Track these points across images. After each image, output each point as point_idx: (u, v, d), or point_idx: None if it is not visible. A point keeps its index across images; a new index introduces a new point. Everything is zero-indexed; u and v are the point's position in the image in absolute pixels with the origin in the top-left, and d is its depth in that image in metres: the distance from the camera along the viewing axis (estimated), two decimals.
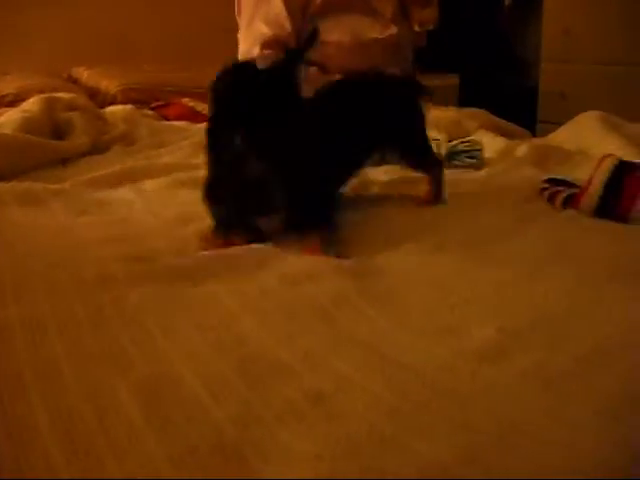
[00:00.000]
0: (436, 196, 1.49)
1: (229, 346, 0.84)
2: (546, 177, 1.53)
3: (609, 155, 1.41)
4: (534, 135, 2.55)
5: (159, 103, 2.76)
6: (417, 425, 0.68)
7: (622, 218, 1.30)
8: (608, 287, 1.01)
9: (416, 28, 2.75)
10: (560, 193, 1.41)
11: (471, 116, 2.35)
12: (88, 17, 3.30)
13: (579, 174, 1.54)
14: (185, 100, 2.71)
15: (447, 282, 1.04)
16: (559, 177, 1.52)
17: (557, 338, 0.86)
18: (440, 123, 2.18)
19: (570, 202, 1.37)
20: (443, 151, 1.81)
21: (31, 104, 2.09)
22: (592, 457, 0.64)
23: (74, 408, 0.70)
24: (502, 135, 2.19)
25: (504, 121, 2.41)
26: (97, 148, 2.01)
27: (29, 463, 0.63)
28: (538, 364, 0.80)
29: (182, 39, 3.51)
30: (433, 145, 1.60)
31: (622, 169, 1.35)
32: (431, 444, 0.65)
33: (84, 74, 3.08)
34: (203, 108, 2.67)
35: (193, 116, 2.58)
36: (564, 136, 2.10)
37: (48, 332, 0.86)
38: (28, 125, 1.92)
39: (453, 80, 3.53)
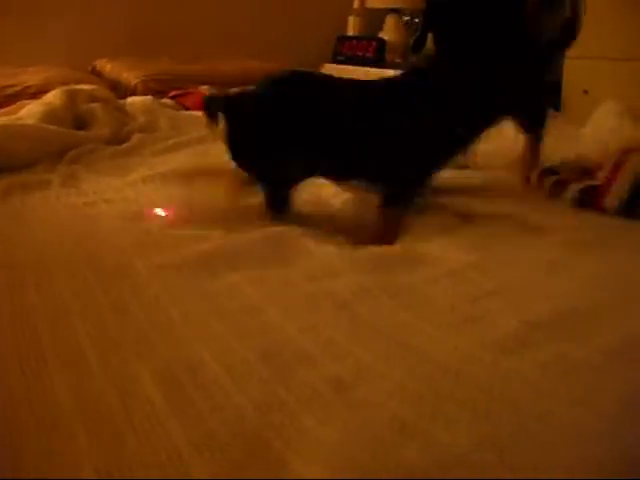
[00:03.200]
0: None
1: (251, 334, 0.84)
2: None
3: (630, 150, 1.38)
4: None
5: (178, 92, 2.77)
6: (439, 414, 0.68)
7: None
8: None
9: None
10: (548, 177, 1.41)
11: None
12: (110, 9, 3.32)
13: None
14: (203, 88, 2.72)
15: (469, 275, 1.04)
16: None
17: (581, 331, 0.86)
18: None
19: (588, 199, 1.35)
20: None
21: (53, 96, 2.10)
22: (614, 448, 0.63)
23: (98, 392, 0.71)
24: None
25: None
26: (117, 139, 2.02)
27: (54, 445, 0.63)
28: (560, 355, 0.79)
29: (201, 31, 3.52)
30: None
31: None
32: (452, 433, 0.65)
33: (107, 66, 3.10)
34: None
35: None
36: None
37: (71, 318, 0.87)
38: (50, 117, 1.93)
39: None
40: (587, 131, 2.02)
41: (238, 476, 0.60)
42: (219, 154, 1.54)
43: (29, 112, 1.98)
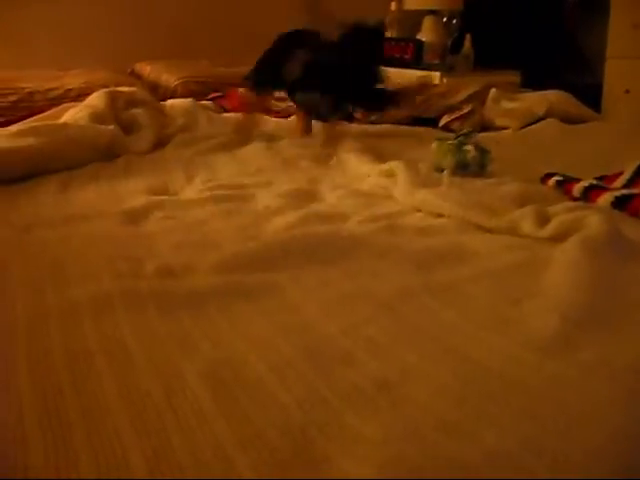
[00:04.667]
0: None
1: (293, 333, 0.84)
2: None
3: None
4: None
5: (216, 94, 2.79)
6: (483, 414, 0.68)
7: None
8: None
9: None
10: (577, 183, 1.46)
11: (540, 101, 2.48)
12: (149, 12, 3.35)
13: None
14: (241, 90, 2.74)
15: (511, 276, 1.03)
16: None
17: (620, 333, 0.85)
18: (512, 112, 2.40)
19: (626, 205, 1.36)
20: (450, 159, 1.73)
21: (95, 99, 2.13)
22: None
23: (144, 388, 0.72)
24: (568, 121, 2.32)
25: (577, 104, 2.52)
26: (159, 141, 2.04)
27: (101, 440, 0.64)
28: (604, 357, 0.79)
29: (239, 33, 3.53)
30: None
31: None
32: (498, 433, 0.65)
33: (146, 68, 3.13)
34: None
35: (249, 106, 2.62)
36: None
37: (115, 313, 0.88)
38: (95, 119, 1.96)
39: (514, 77, 3.48)
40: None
41: (284, 474, 0.60)
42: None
43: (74, 116, 2.00)
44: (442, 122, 2.45)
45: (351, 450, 0.62)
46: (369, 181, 1.60)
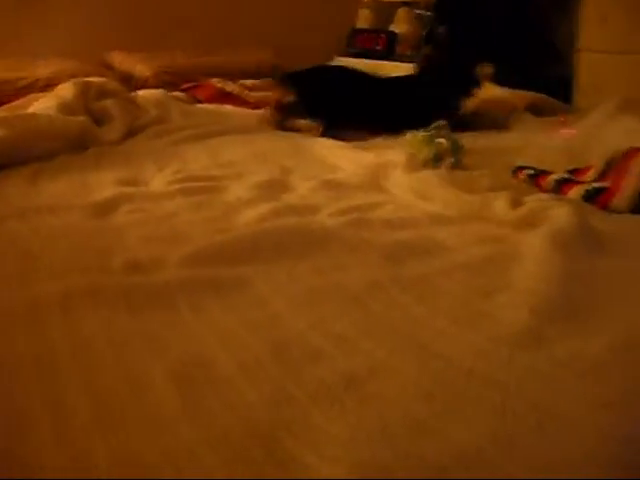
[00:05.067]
0: None
1: (261, 328, 0.84)
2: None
3: (637, 150, 1.40)
4: None
5: (189, 85, 2.77)
6: (453, 410, 0.68)
7: None
8: None
9: None
10: (548, 176, 1.48)
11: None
12: (121, 1, 3.31)
13: None
14: (214, 81, 2.72)
15: (482, 269, 1.03)
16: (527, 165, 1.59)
17: (590, 326, 0.85)
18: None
19: (596, 198, 1.38)
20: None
21: (64, 89, 2.09)
22: (630, 444, 0.63)
23: (111, 388, 0.71)
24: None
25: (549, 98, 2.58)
26: (130, 132, 2.02)
27: (67, 439, 0.63)
28: (574, 351, 0.78)
29: (213, 23, 3.51)
30: None
31: None
32: (467, 429, 0.64)
33: (118, 58, 3.09)
34: (233, 88, 2.68)
35: (223, 97, 2.62)
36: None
37: (83, 309, 0.87)
38: (64, 110, 1.93)
39: (487, 69, 3.48)
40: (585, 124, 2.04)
41: (254, 474, 0.59)
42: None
43: (42, 106, 1.97)
44: None
45: (320, 450, 0.62)
46: (348, 169, 1.60)
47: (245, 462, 0.60)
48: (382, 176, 1.54)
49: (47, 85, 2.40)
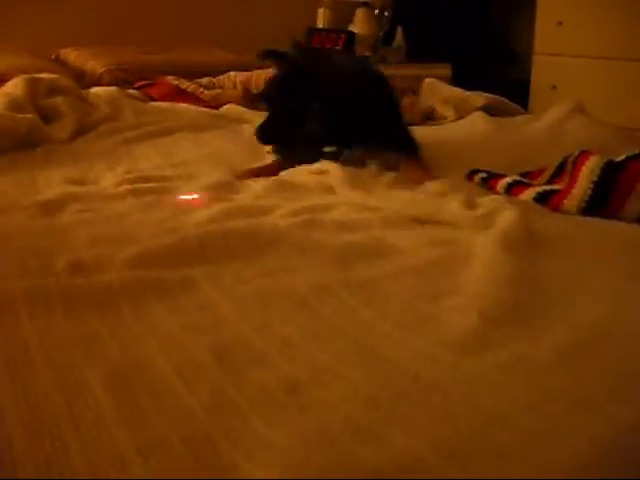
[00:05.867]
0: None
1: (204, 332, 0.82)
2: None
3: (589, 153, 1.41)
4: None
5: (144, 82, 2.72)
6: (395, 416, 0.67)
7: (613, 216, 1.32)
8: (595, 279, 1.00)
9: None
10: (501, 179, 1.48)
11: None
12: None
13: None
14: (169, 78, 2.68)
15: (431, 273, 1.02)
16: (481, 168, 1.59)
17: (536, 330, 0.85)
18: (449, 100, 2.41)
19: (547, 200, 1.39)
20: None
21: (14, 86, 2.05)
22: (570, 451, 0.62)
23: (43, 394, 0.68)
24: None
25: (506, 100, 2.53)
26: (80, 130, 1.98)
27: None
28: (520, 355, 0.78)
29: (169, 20, 3.48)
30: None
31: (612, 168, 1.36)
32: (409, 435, 0.64)
33: (71, 55, 3.04)
34: (187, 86, 2.65)
35: (177, 95, 2.57)
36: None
37: (18, 313, 0.84)
38: (12, 107, 1.89)
39: (445, 70, 3.50)
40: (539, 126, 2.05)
41: None
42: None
43: None
44: None
45: (257, 456, 0.60)
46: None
47: (176, 469, 0.59)
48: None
49: None
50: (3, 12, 3.13)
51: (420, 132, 2.04)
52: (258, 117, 2.12)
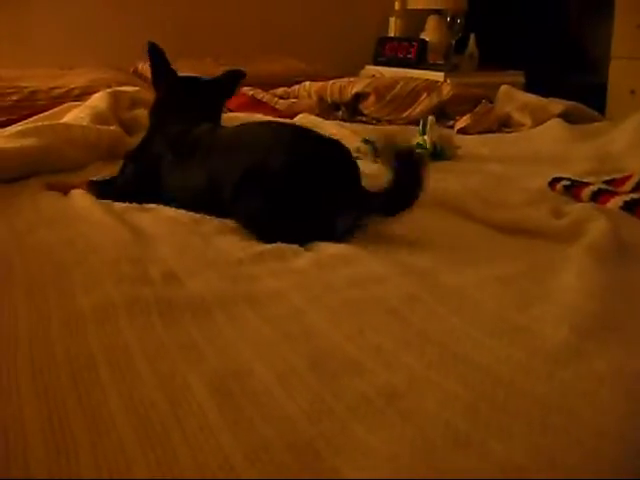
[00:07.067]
0: None
1: (298, 339, 0.83)
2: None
3: None
4: None
5: None
6: (493, 425, 0.67)
7: None
8: None
9: None
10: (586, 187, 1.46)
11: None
12: (154, 10, 3.34)
13: None
14: (245, 89, 2.73)
15: (518, 282, 1.02)
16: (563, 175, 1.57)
17: (630, 340, 0.84)
18: (526, 107, 2.39)
19: (635, 209, 1.36)
20: None
21: (97, 99, 2.11)
22: None
23: (149, 399, 0.70)
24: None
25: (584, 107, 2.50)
26: None
27: (105, 452, 0.63)
28: (615, 367, 0.77)
29: (244, 32, 3.53)
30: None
31: None
32: (509, 445, 0.64)
33: (149, 68, 3.10)
34: (263, 96, 2.69)
35: (253, 105, 2.61)
36: None
37: (119, 321, 0.87)
38: (97, 120, 1.94)
39: (518, 77, 3.46)
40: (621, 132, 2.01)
41: None
42: None
43: (75, 116, 1.99)
44: (458, 126, 2.38)
45: (360, 463, 0.61)
46: None
47: (282, 476, 0.60)
48: None
49: (82, 94, 2.40)
50: (82, 27, 3.22)
51: (497, 139, 2.03)
52: (332, 126, 2.15)
